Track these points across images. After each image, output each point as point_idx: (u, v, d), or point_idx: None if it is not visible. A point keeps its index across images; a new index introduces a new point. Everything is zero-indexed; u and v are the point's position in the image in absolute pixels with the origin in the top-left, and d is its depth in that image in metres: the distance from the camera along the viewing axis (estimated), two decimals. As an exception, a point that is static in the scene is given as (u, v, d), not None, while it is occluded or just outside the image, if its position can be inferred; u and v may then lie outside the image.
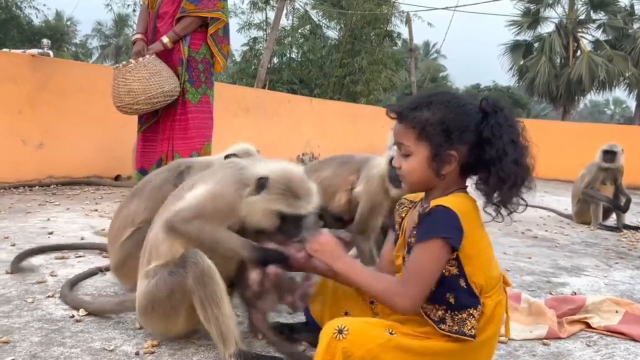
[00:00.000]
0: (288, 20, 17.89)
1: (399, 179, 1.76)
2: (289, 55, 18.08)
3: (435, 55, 43.04)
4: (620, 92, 33.49)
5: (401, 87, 22.91)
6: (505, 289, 1.67)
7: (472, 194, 1.64)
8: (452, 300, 1.56)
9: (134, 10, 21.40)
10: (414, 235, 1.58)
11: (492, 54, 27.08)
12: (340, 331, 1.48)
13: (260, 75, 12.63)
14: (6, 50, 6.37)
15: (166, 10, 4.11)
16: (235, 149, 2.71)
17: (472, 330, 1.56)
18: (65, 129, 6.01)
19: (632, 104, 31.75)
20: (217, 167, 2.15)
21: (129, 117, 4.29)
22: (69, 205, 4.79)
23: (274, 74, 17.00)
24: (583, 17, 22.56)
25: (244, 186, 1.89)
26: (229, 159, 2.38)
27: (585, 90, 21.77)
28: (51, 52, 6.29)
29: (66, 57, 25.45)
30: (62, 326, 2.13)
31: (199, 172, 2.27)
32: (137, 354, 1.93)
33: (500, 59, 23.87)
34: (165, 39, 4.04)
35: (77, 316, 2.22)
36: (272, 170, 1.90)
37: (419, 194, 1.72)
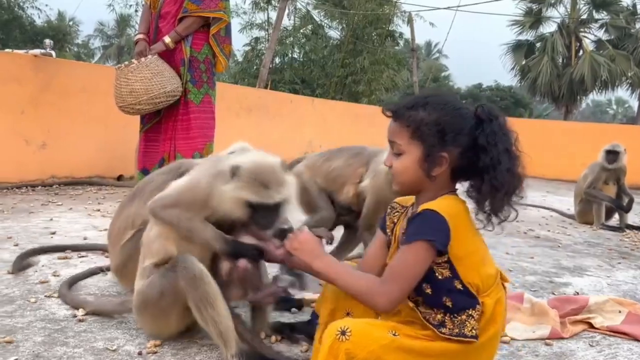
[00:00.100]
0: (290, 20, 17.89)
1: None
2: (290, 55, 18.09)
3: (437, 55, 43.10)
4: (623, 92, 33.46)
5: (403, 87, 22.85)
6: (503, 285, 1.67)
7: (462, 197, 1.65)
8: (449, 304, 1.56)
9: (136, 11, 21.40)
10: (403, 240, 1.59)
11: (494, 53, 26.98)
12: (343, 332, 1.47)
13: (262, 75, 12.65)
14: (9, 50, 6.37)
15: (168, 10, 4.12)
16: (233, 149, 2.71)
17: (472, 331, 1.56)
18: (67, 129, 6.03)
19: (634, 103, 31.78)
20: (202, 161, 2.18)
21: (131, 117, 4.30)
22: (72, 205, 4.80)
23: (276, 74, 17.00)
24: (585, 16, 22.52)
25: (221, 177, 1.89)
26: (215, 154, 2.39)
27: (588, 90, 21.72)
28: (53, 53, 6.31)
29: (68, 57, 25.45)
30: (65, 326, 2.14)
31: None
32: (139, 353, 1.94)
33: (502, 58, 23.77)
34: (168, 39, 4.04)
35: (80, 316, 2.22)
36: (245, 160, 1.90)
37: (410, 198, 1.72)
